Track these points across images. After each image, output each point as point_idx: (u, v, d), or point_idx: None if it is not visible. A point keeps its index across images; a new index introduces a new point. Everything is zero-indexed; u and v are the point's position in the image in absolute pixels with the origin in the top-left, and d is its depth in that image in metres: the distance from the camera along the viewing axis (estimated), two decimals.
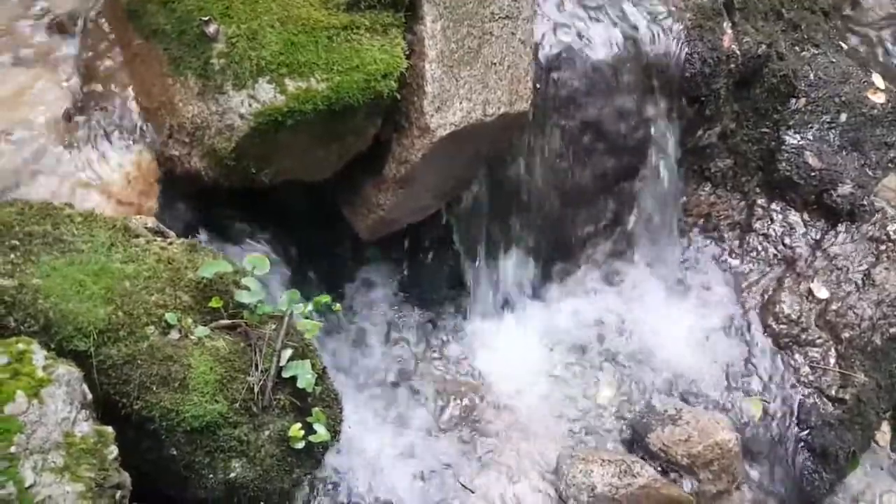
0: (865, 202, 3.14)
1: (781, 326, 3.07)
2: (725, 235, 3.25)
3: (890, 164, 3.23)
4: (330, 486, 2.49)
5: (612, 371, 2.95)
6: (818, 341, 3.02)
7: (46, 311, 1.82)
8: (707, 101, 2.99)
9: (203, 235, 2.40)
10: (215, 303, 1.99)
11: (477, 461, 2.68)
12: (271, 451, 1.98)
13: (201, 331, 1.94)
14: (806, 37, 3.28)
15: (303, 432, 2.00)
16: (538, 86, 2.63)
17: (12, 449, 1.60)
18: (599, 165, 2.93)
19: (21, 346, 1.71)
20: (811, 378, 2.99)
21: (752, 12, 3.09)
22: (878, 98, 3.27)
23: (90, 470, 1.66)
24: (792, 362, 3.02)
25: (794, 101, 3.21)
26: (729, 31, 2.97)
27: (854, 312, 3.01)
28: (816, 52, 3.28)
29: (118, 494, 1.70)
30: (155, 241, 2.05)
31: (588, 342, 3.01)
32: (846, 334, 3.00)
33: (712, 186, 3.24)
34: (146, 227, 2.10)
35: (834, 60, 3.28)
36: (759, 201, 3.25)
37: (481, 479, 2.65)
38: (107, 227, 2.02)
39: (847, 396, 2.94)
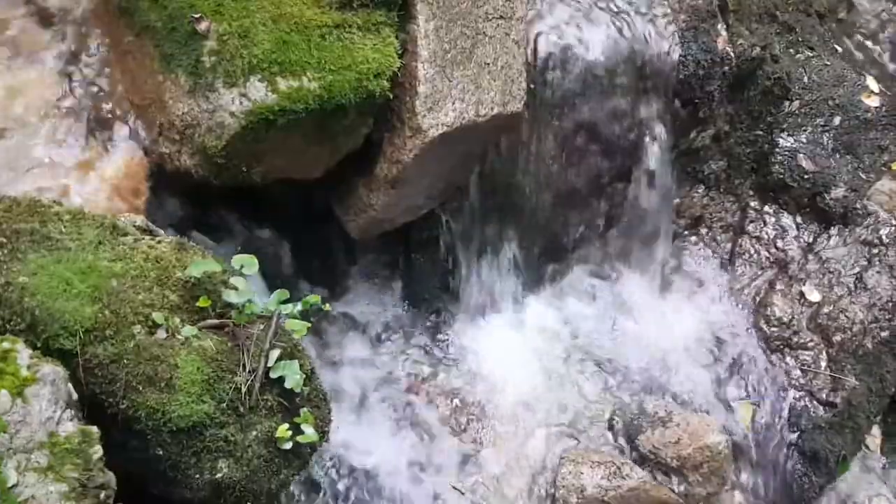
0: (858, 205, 3.14)
1: (773, 329, 3.07)
2: (718, 238, 3.25)
3: (883, 168, 3.23)
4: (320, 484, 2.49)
5: (603, 372, 2.95)
6: (809, 344, 3.02)
7: (32, 310, 1.81)
8: (701, 103, 2.99)
9: (192, 233, 2.39)
10: (203, 302, 1.97)
11: (467, 461, 2.68)
12: (258, 451, 1.97)
13: (188, 330, 1.92)
14: (800, 39, 3.27)
15: (290, 433, 1.99)
16: (532, 86, 2.62)
17: None
18: (593, 167, 2.93)
19: (6, 344, 1.70)
20: (802, 381, 2.99)
21: (746, 14, 3.09)
22: (872, 101, 3.27)
23: (74, 470, 1.65)
24: (783, 365, 3.02)
25: (787, 103, 3.20)
26: (723, 33, 2.96)
27: (846, 316, 3.01)
28: (811, 54, 3.28)
29: (103, 494, 1.68)
30: (143, 239, 2.04)
31: (579, 343, 3.01)
32: (837, 338, 3.00)
33: (705, 188, 3.24)
34: (135, 226, 2.09)
35: (828, 63, 3.27)
36: (752, 204, 3.25)
37: (471, 480, 2.65)
38: (95, 224, 2.00)
39: (838, 400, 2.94)
